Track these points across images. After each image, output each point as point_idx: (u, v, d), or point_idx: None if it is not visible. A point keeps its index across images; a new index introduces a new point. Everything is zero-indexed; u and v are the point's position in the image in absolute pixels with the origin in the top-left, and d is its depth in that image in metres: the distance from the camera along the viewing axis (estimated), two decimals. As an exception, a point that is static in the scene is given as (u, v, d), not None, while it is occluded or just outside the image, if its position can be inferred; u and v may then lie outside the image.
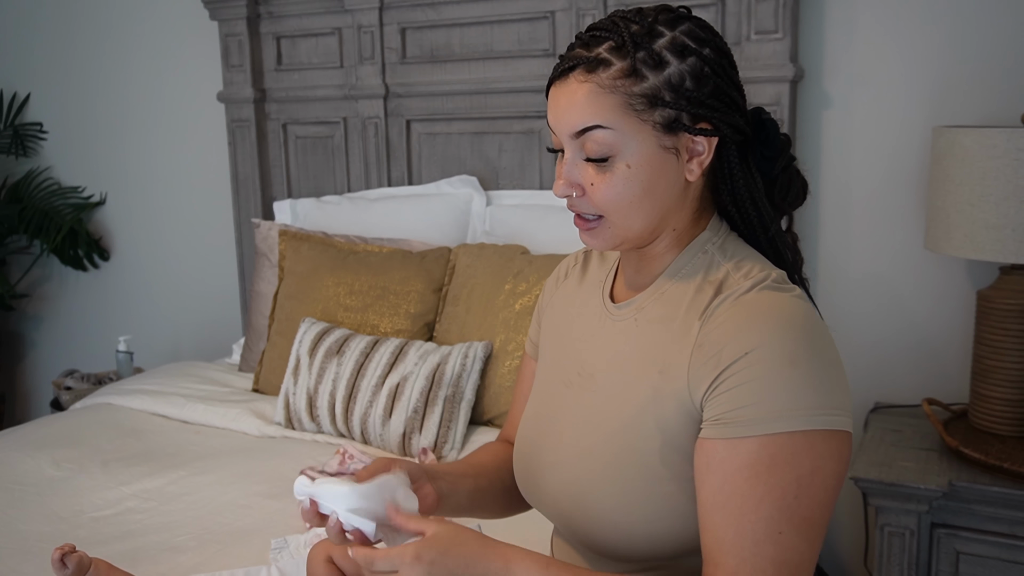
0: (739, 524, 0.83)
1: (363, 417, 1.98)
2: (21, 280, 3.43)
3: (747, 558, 0.83)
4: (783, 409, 0.83)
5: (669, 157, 0.92)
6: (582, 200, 0.94)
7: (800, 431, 0.83)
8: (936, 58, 2.02)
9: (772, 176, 0.99)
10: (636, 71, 0.89)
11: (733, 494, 0.84)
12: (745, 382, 0.85)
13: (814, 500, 0.84)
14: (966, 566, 1.70)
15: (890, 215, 2.10)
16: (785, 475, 0.83)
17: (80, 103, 3.23)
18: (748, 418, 0.84)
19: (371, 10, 2.55)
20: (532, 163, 2.45)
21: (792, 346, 0.85)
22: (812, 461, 0.83)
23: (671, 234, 0.97)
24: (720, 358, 0.87)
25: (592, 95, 0.90)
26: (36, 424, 2.21)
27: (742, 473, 0.84)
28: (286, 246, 2.43)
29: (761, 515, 0.83)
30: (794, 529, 0.83)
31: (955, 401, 2.03)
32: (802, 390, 0.84)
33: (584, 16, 2.29)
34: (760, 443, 0.83)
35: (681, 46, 0.90)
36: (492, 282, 2.10)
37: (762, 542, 0.83)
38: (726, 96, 0.92)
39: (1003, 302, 1.75)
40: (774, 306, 0.88)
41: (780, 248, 0.98)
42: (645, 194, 0.92)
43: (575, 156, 0.93)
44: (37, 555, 1.53)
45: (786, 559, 0.83)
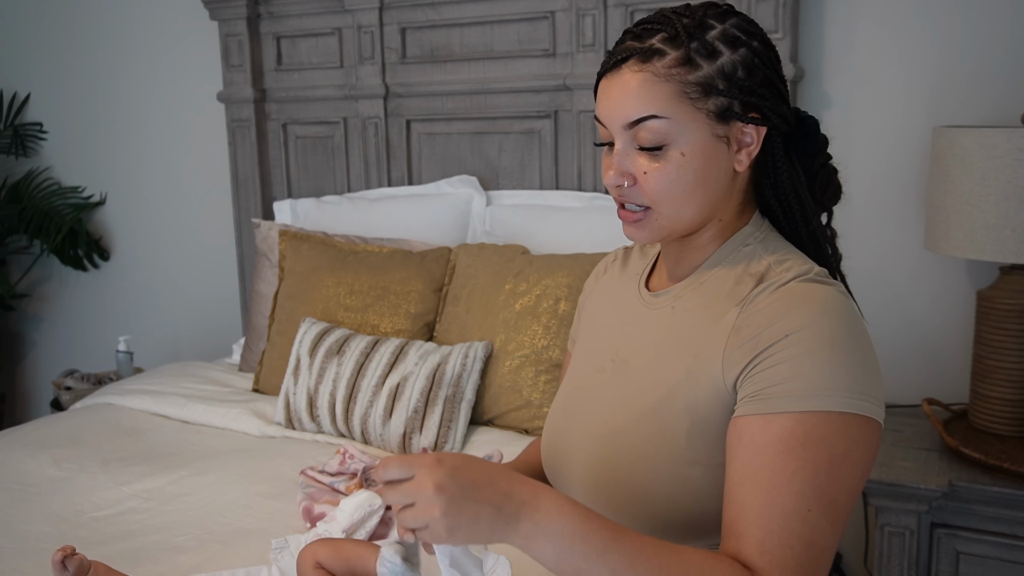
0: (768, 496, 0.82)
1: (363, 417, 1.98)
2: (21, 280, 3.43)
3: (775, 531, 0.82)
4: (821, 388, 0.84)
5: (721, 146, 0.93)
6: (633, 190, 0.95)
7: (836, 412, 0.83)
8: (936, 58, 2.02)
9: (812, 171, 1.01)
10: (691, 60, 0.90)
11: (764, 466, 0.83)
12: (784, 361, 0.85)
13: (843, 483, 0.83)
14: (966, 566, 1.70)
15: (890, 215, 2.10)
16: (819, 452, 0.83)
17: (80, 103, 3.23)
18: (784, 394, 0.84)
19: (371, 10, 2.55)
20: (532, 163, 2.45)
21: (832, 331, 0.86)
22: (845, 443, 0.83)
23: (716, 225, 0.98)
24: (759, 340, 0.87)
25: (647, 84, 0.91)
26: (36, 424, 2.21)
27: (775, 447, 0.83)
28: (286, 246, 2.43)
29: (792, 489, 0.82)
30: (822, 509, 0.82)
31: (955, 401, 2.03)
32: (841, 373, 0.84)
33: (584, 16, 2.29)
34: (795, 419, 0.83)
35: (732, 37, 0.92)
36: (492, 282, 2.10)
37: (791, 516, 0.82)
38: (774, 87, 0.95)
39: (1003, 302, 1.75)
40: (815, 295, 0.89)
41: (821, 242, 1.00)
42: (698, 182, 0.93)
43: (627, 146, 0.94)
44: (37, 555, 1.53)
45: (813, 539, 0.82)
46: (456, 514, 0.76)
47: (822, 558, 0.83)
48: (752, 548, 0.82)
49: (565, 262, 2.04)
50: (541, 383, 1.95)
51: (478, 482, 0.78)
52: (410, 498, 0.77)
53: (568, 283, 1.99)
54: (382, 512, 1.53)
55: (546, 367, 1.95)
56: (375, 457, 1.87)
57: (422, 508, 0.76)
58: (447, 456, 0.79)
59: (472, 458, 0.81)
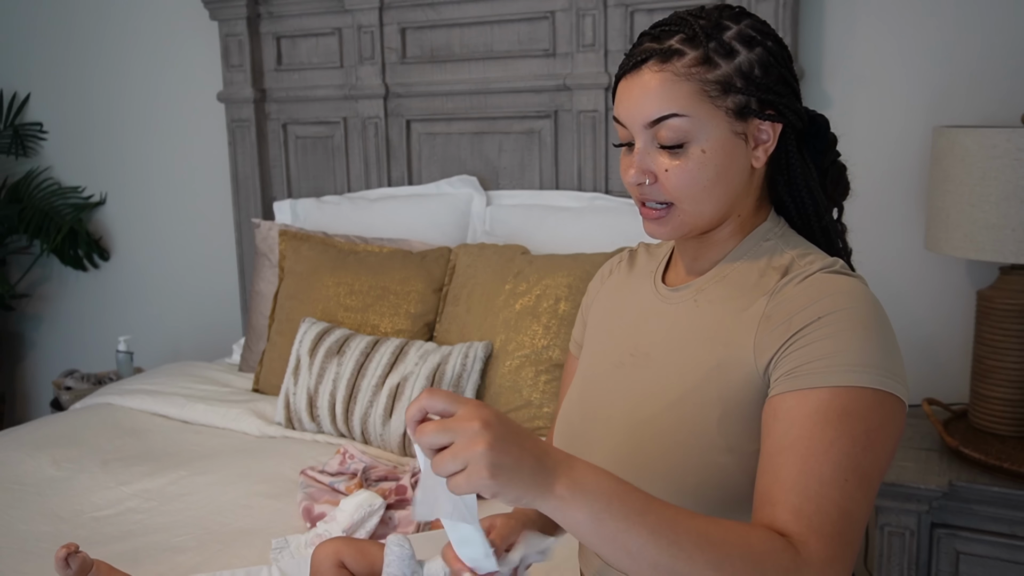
0: (805, 463, 0.83)
1: (363, 417, 1.98)
2: (21, 280, 3.43)
3: (812, 497, 0.81)
4: (857, 364, 0.86)
5: (739, 143, 0.96)
6: (654, 188, 0.96)
7: (871, 388, 0.85)
8: (936, 58, 2.02)
9: (823, 168, 1.04)
10: (709, 59, 0.93)
11: (801, 437, 0.84)
12: (819, 340, 0.87)
13: (877, 457, 0.85)
14: (966, 566, 1.70)
15: (890, 215, 2.10)
16: (856, 425, 0.84)
17: (80, 103, 3.23)
18: (820, 370, 0.86)
19: (371, 10, 2.55)
20: (532, 163, 2.45)
21: (865, 314, 0.89)
22: (880, 418, 0.85)
23: (735, 220, 1.01)
24: (791, 324, 0.90)
25: (667, 83, 0.93)
26: (36, 424, 2.21)
27: (812, 418, 0.84)
28: (286, 246, 2.43)
29: (830, 458, 0.82)
30: (857, 481, 0.83)
31: (955, 401, 2.03)
32: (875, 351, 0.87)
33: (584, 16, 2.29)
34: (832, 392, 0.85)
35: (748, 37, 0.95)
36: (492, 282, 2.10)
37: (828, 484, 0.82)
38: (789, 85, 0.98)
39: (1003, 302, 1.75)
40: (843, 285, 0.92)
41: (833, 236, 1.03)
42: (718, 178, 0.95)
43: (648, 145, 0.96)
44: (37, 555, 1.53)
45: (849, 509, 0.82)
46: (502, 451, 0.72)
47: (857, 529, 0.83)
48: (789, 514, 0.82)
49: (565, 262, 2.04)
50: (541, 383, 1.95)
51: (521, 431, 0.75)
52: (451, 435, 0.72)
53: (568, 283, 1.99)
54: (382, 512, 1.54)
55: (546, 367, 1.95)
56: (375, 457, 1.87)
57: (464, 444, 0.71)
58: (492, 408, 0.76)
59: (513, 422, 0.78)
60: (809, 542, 0.80)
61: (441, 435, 0.73)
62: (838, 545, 0.81)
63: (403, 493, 1.64)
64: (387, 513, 1.58)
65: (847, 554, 0.82)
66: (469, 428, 0.72)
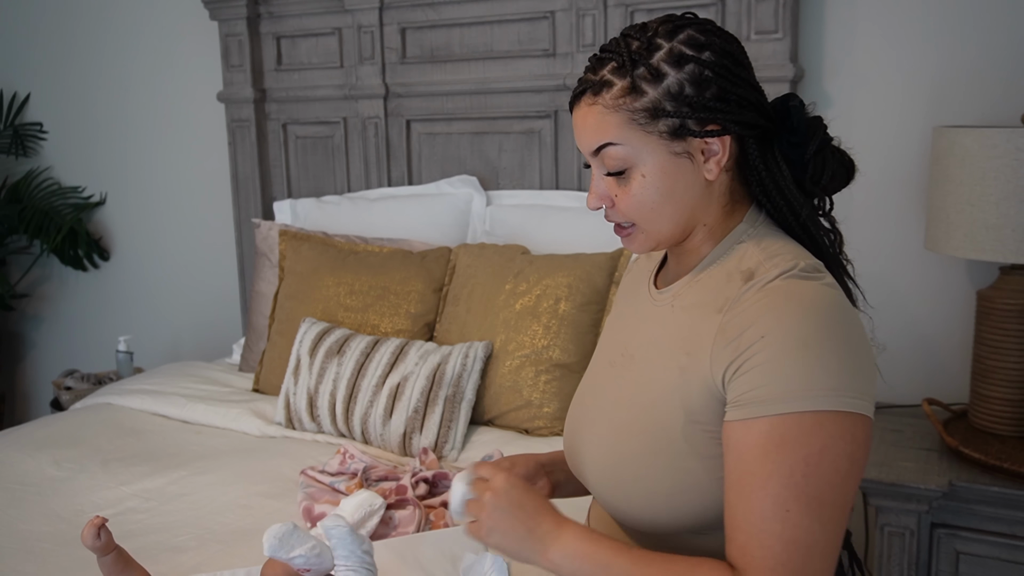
0: (748, 501, 0.86)
1: (363, 417, 1.98)
2: (21, 280, 3.43)
3: (754, 534, 0.85)
4: (793, 390, 0.86)
5: (682, 162, 0.96)
6: (613, 211, 1.01)
7: (810, 411, 0.85)
8: (936, 58, 2.02)
9: (804, 161, 1.01)
10: (636, 88, 0.94)
11: (745, 472, 0.87)
12: (758, 365, 0.88)
13: (824, 480, 0.85)
14: (966, 566, 1.70)
15: (890, 215, 2.10)
16: (793, 454, 0.85)
17: (80, 103, 3.23)
18: (760, 399, 0.87)
19: (371, 10, 2.55)
20: (532, 163, 2.45)
21: (805, 330, 0.87)
22: (821, 441, 0.85)
23: (703, 230, 1.01)
24: (739, 342, 0.90)
25: (599, 116, 0.96)
26: (36, 424, 2.21)
27: (753, 452, 0.87)
28: (286, 246, 2.43)
29: (768, 492, 0.85)
30: (803, 508, 0.84)
31: (955, 401, 2.03)
32: (813, 372, 0.86)
33: (584, 16, 2.29)
34: (771, 423, 0.86)
35: (678, 55, 0.94)
36: (492, 282, 2.10)
37: (769, 519, 0.85)
38: (732, 95, 0.96)
39: (1003, 302, 1.75)
40: (794, 293, 0.90)
41: (813, 232, 1.01)
42: (664, 200, 0.97)
43: (599, 172, 1.00)
44: (37, 555, 1.53)
45: (794, 537, 0.84)
46: (497, 521, 0.94)
47: (810, 555, 0.85)
48: (735, 551, 0.87)
49: (565, 262, 2.04)
50: (541, 383, 1.95)
51: (524, 504, 0.94)
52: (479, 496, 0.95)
53: (568, 283, 1.99)
54: (382, 512, 1.54)
55: (546, 367, 1.95)
56: (375, 457, 1.87)
57: (479, 506, 0.95)
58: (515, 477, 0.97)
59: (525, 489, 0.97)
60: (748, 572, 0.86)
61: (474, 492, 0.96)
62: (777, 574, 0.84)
63: (403, 493, 1.64)
64: (387, 513, 1.58)
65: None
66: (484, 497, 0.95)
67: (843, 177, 1.04)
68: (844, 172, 1.04)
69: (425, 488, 1.68)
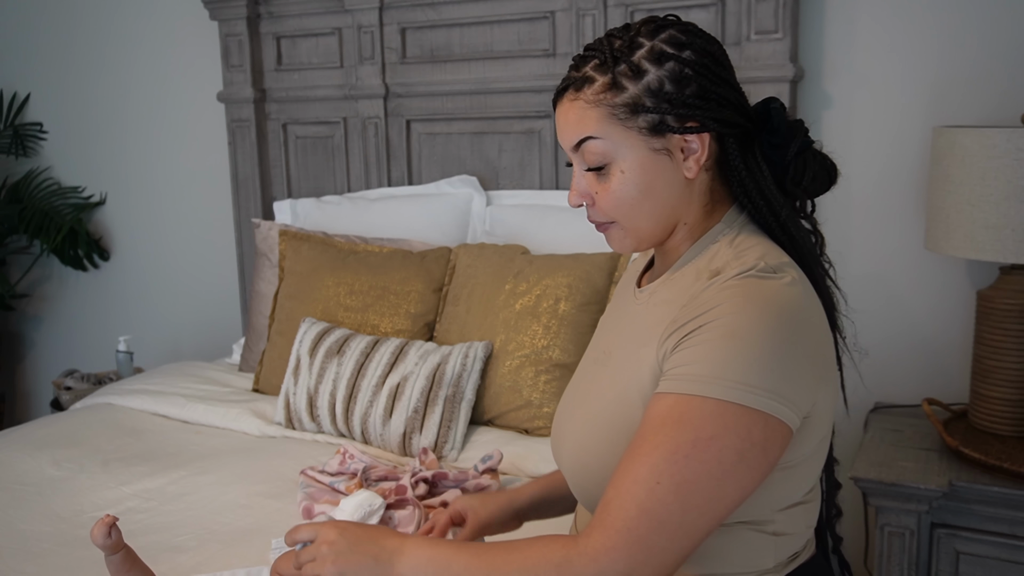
0: (630, 463, 0.88)
1: (363, 417, 1.98)
2: (21, 280, 3.43)
3: (620, 494, 0.87)
4: (705, 375, 0.87)
5: (661, 159, 0.97)
6: (593, 209, 1.02)
7: (713, 398, 0.86)
8: (936, 58, 2.02)
9: (785, 163, 1.02)
10: (616, 84, 0.96)
11: (639, 438, 0.89)
12: (689, 346, 0.90)
13: (703, 467, 0.86)
14: (966, 566, 1.70)
15: (890, 215, 2.10)
16: (684, 433, 0.86)
17: (80, 103, 3.23)
18: (676, 376, 0.89)
19: (371, 10, 2.55)
20: (532, 163, 2.45)
21: (739, 321, 0.88)
22: (715, 429, 0.86)
23: (683, 229, 1.02)
24: (683, 329, 0.92)
25: (581, 111, 0.98)
26: (36, 424, 2.21)
27: (653, 422, 0.89)
28: (286, 246, 2.43)
29: (649, 460, 0.87)
30: (672, 486, 0.85)
31: (955, 401, 2.03)
32: (732, 362, 0.87)
33: (584, 16, 2.29)
34: (676, 399, 0.88)
35: (659, 53, 0.96)
36: (492, 282, 2.10)
37: (639, 484, 0.86)
38: (712, 94, 0.97)
39: (1003, 302, 1.75)
40: (748, 289, 0.91)
41: (793, 233, 1.01)
42: (643, 196, 0.98)
43: (580, 168, 1.01)
44: (37, 555, 1.53)
45: (651, 509, 0.85)
46: (343, 565, 0.95)
47: (659, 531, 0.86)
48: (600, 506, 0.89)
49: (565, 262, 2.04)
50: (541, 383, 1.95)
51: (361, 538, 0.97)
52: (312, 556, 0.97)
53: (568, 283, 1.99)
54: (382, 512, 1.54)
55: (546, 367, 1.95)
56: (375, 457, 1.87)
57: (320, 562, 0.96)
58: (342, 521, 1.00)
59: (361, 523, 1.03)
60: (593, 533, 0.87)
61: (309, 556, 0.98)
62: (623, 539, 0.86)
63: (403, 493, 1.64)
64: (387, 513, 1.58)
65: (635, 551, 0.85)
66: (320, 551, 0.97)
67: (825, 180, 1.05)
68: (826, 175, 1.05)
69: (425, 488, 1.68)
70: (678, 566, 0.88)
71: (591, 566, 0.86)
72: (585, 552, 0.87)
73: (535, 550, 0.91)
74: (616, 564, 0.86)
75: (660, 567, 0.87)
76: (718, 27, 2.14)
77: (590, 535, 0.88)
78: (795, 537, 1.00)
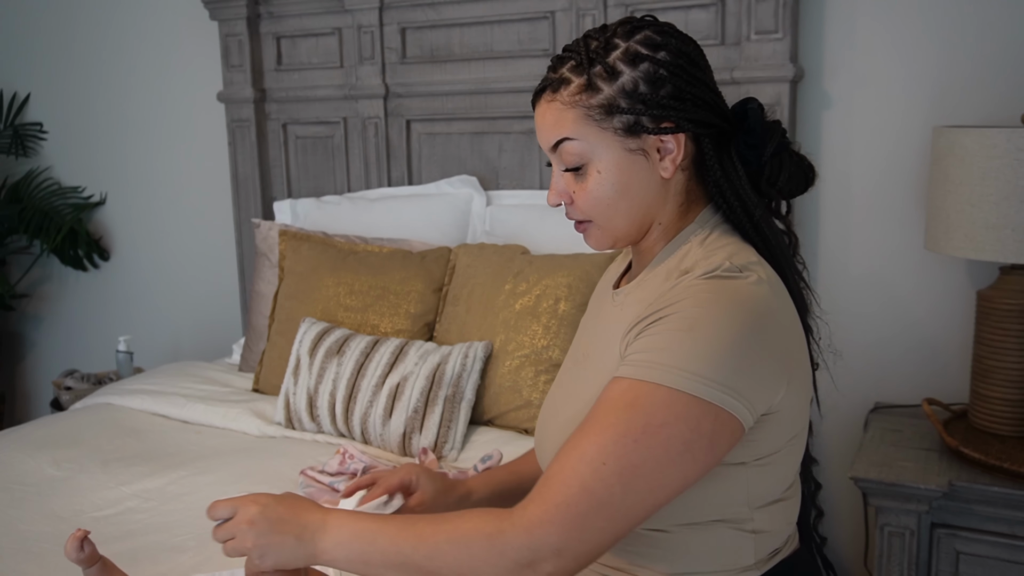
0: (578, 441, 0.89)
1: (363, 417, 1.98)
2: (21, 280, 3.43)
3: (564, 469, 0.88)
4: (660, 362, 0.88)
5: (637, 159, 0.98)
6: (571, 208, 1.04)
7: (667, 387, 0.87)
8: (936, 58, 2.02)
9: (761, 163, 1.02)
10: (591, 85, 0.97)
11: (591, 418, 0.90)
12: (651, 334, 0.91)
13: (650, 453, 0.86)
14: (966, 566, 1.70)
15: (890, 215, 2.10)
16: (635, 418, 0.87)
17: (80, 103, 3.23)
18: (633, 362, 0.90)
19: (371, 10, 2.55)
20: (532, 163, 2.45)
21: (698, 314, 0.89)
22: (665, 416, 0.86)
23: (658, 228, 1.03)
24: (645, 321, 0.93)
25: (557, 112, 0.99)
26: (36, 424, 2.21)
27: (606, 404, 0.90)
28: (286, 246, 2.43)
29: (598, 440, 0.88)
30: (618, 469, 0.86)
31: (955, 401, 2.03)
32: (687, 352, 0.87)
33: (584, 16, 2.29)
34: (630, 384, 0.89)
35: (633, 54, 0.97)
36: (492, 282, 2.10)
37: (584, 462, 0.87)
38: (687, 94, 0.98)
39: (1003, 302, 1.75)
40: (712, 286, 0.92)
41: (767, 234, 1.01)
42: (619, 196, 0.99)
43: (558, 168, 1.02)
44: (37, 555, 1.53)
45: (593, 489, 0.86)
46: (264, 544, 0.94)
47: (598, 511, 0.86)
48: (540, 480, 0.90)
49: (565, 262, 2.04)
50: (541, 383, 1.95)
51: (283, 516, 0.95)
52: (231, 533, 0.96)
53: (568, 283, 1.99)
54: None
55: (546, 367, 1.95)
56: (375, 457, 1.87)
57: (240, 540, 0.95)
58: (261, 496, 0.98)
59: (282, 497, 0.99)
60: (530, 505, 0.88)
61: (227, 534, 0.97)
62: (561, 514, 0.86)
63: (403, 493, 1.64)
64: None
65: (570, 527, 0.86)
66: (240, 529, 0.95)
67: (801, 181, 1.05)
68: (803, 176, 1.04)
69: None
70: (609, 548, 0.89)
71: (524, 537, 0.87)
72: (519, 523, 0.87)
73: (466, 520, 0.90)
74: (549, 538, 0.86)
75: (593, 546, 0.87)
76: (718, 27, 2.14)
77: (526, 507, 0.88)
78: (775, 534, 1.01)
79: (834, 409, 2.13)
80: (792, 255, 1.05)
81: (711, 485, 0.93)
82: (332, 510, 0.97)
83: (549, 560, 0.86)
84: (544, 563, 0.86)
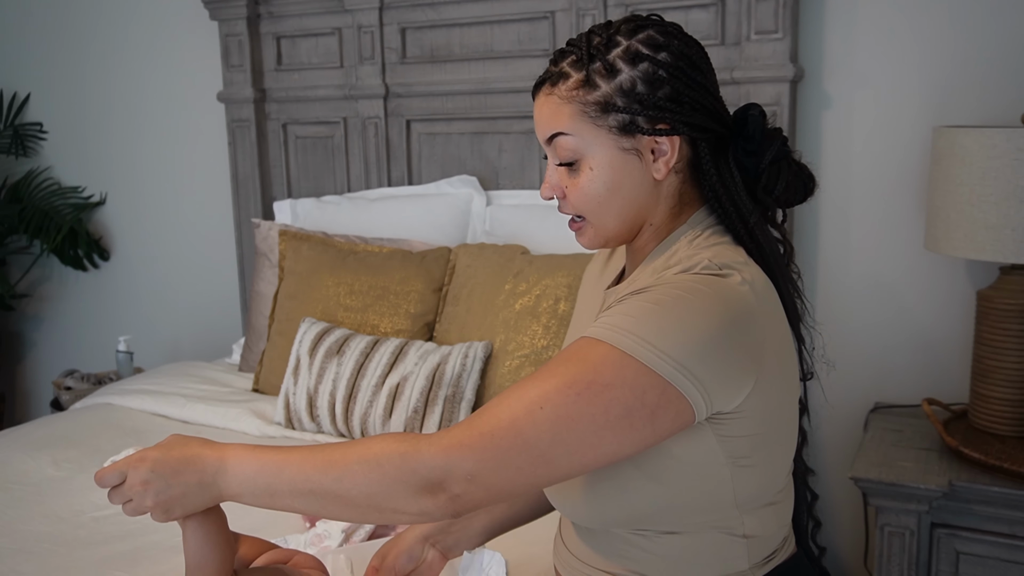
0: (524, 382, 0.89)
1: (363, 417, 1.98)
2: (21, 280, 3.43)
3: (501, 402, 0.88)
4: (623, 328, 0.88)
5: (630, 158, 0.98)
6: (563, 203, 1.04)
7: (621, 350, 0.86)
8: (936, 58, 2.02)
9: (759, 170, 1.01)
10: (590, 81, 0.97)
11: (543, 366, 0.90)
12: (618, 304, 0.92)
13: (588, 410, 0.86)
14: (966, 566, 1.70)
15: (890, 215, 2.10)
16: (584, 373, 0.87)
17: (80, 103, 3.23)
18: (598, 324, 0.91)
19: (371, 10, 2.55)
20: (532, 163, 2.45)
21: (669, 295, 0.89)
22: (612, 378, 0.86)
23: (650, 229, 1.03)
24: (621, 296, 0.94)
25: (554, 106, 0.99)
26: (36, 424, 2.21)
27: (559, 356, 0.90)
28: (286, 246, 2.43)
29: (542, 385, 0.87)
30: (553, 416, 0.86)
31: (955, 401, 2.03)
32: (651, 327, 0.87)
33: (584, 16, 2.29)
34: (587, 341, 0.89)
35: (634, 53, 0.96)
36: (492, 282, 2.10)
37: (522, 401, 0.87)
38: (685, 97, 0.97)
39: (1003, 302, 1.75)
40: (688, 278, 0.92)
41: (760, 240, 1.00)
42: (611, 194, 0.99)
43: (552, 162, 1.03)
44: (37, 555, 1.53)
45: (522, 428, 0.86)
46: (166, 500, 0.93)
47: (520, 452, 0.86)
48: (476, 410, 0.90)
49: (565, 262, 2.04)
50: (541, 383, 1.94)
51: (177, 467, 0.93)
52: (126, 497, 0.94)
53: (568, 283, 1.99)
54: None
55: (546, 367, 1.95)
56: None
57: (138, 502, 0.94)
58: (150, 451, 0.95)
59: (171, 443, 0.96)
60: (453, 429, 0.88)
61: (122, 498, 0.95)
62: (482, 442, 0.86)
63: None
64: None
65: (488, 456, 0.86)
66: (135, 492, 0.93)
67: (800, 190, 1.03)
68: (801, 186, 1.03)
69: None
70: (519, 494, 0.89)
71: (439, 456, 0.87)
72: (437, 443, 0.88)
73: (378, 441, 0.90)
74: (465, 462, 0.86)
75: (506, 482, 0.87)
76: (718, 27, 2.14)
77: (450, 431, 0.88)
78: (767, 539, 1.00)
79: (834, 409, 2.13)
80: (786, 263, 1.04)
81: (695, 485, 0.93)
82: (227, 445, 0.96)
83: (459, 483, 0.87)
84: (454, 485, 0.87)
